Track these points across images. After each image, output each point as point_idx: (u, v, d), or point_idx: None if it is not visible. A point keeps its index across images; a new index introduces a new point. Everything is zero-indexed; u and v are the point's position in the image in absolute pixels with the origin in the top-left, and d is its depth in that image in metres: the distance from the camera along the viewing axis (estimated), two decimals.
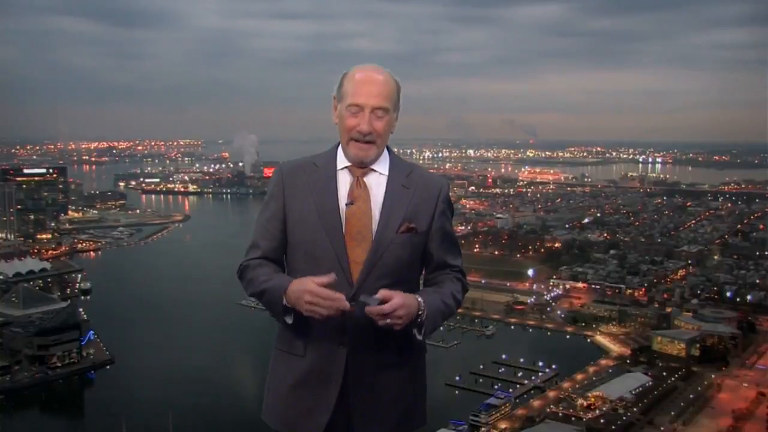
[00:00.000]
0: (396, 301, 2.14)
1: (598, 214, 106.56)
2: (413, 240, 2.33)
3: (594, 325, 66.52)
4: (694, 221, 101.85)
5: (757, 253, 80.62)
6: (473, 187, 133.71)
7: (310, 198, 2.32)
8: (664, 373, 53.86)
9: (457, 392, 51.14)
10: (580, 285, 76.17)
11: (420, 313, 2.22)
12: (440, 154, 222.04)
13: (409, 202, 2.33)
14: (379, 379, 2.34)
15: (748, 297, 69.48)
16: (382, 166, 2.36)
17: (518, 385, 53.00)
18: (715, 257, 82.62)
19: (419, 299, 2.24)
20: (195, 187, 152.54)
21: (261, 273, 2.33)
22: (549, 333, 66.47)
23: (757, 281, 72.74)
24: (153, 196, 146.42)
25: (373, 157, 2.32)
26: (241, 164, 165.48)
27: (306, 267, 2.30)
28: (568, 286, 76.77)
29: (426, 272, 2.47)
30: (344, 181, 2.34)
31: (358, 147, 2.29)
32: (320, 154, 2.43)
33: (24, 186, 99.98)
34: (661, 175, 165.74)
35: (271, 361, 2.50)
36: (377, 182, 2.34)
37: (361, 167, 2.34)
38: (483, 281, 76.85)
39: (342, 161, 2.36)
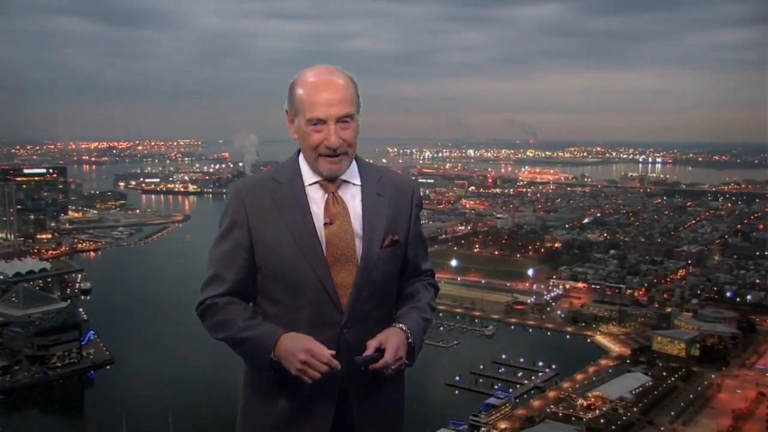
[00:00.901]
0: (393, 342, 2.05)
1: (598, 214, 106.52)
2: (396, 252, 2.20)
3: (594, 325, 66.49)
4: (694, 221, 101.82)
5: (757, 253, 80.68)
6: (473, 187, 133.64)
7: (280, 220, 2.08)
8: (664, 373, 53.87)
9: (457, 392, 51.16)
10: (580, 285, 76.15)
11: (410, 341, 2.12)
12: (440, 154, 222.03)
13: (387, 212, 2.17)
14: (369, 395, 2.20)
15: (748, 297, 69.48)
16: (353, 176, 2.17)
17: (518, 385, 52.98)
18: (715, 257, 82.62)
19: (403, 327, 2.14)
20: (195, 187, 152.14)
21: (238, 316, 2.08)
22: (549, 333, 66.43)
23: (757, 281, 72.77)
24: (153, 196, 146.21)
25: (345, 169, 2.13)
26: (241, 164, 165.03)
27: (286, 298, 2.11)
28: (568, 286, 76.73)
29: (400, 281, 2.33)
30: (315, 198, 2.12)
31: (330, 162, 2.08)
32: (279, 169, 2.20)
33: (24, 186, 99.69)
34: (661, 175, 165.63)
35: (242, 400, 2.25)
36: (352, 194, 2.15)
37: (333, 181, 2.13)
38: (483, 281, 76.98)
39: (309, 176, 2.14)
